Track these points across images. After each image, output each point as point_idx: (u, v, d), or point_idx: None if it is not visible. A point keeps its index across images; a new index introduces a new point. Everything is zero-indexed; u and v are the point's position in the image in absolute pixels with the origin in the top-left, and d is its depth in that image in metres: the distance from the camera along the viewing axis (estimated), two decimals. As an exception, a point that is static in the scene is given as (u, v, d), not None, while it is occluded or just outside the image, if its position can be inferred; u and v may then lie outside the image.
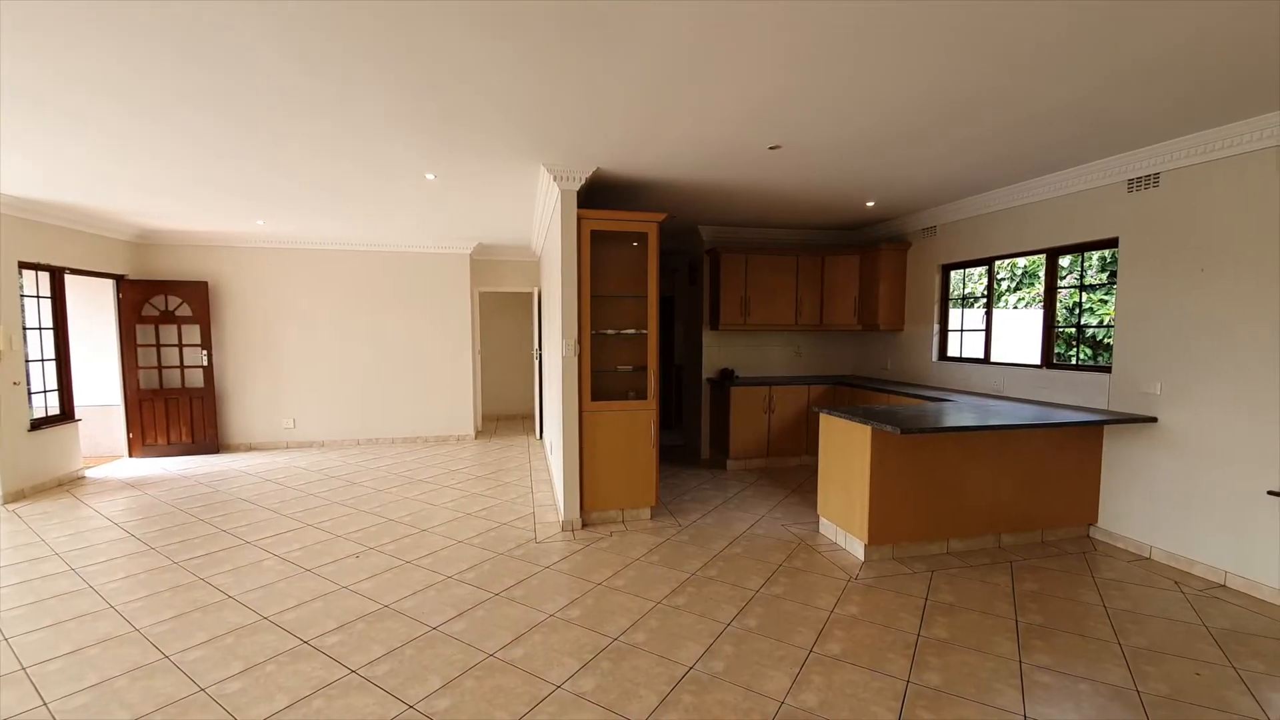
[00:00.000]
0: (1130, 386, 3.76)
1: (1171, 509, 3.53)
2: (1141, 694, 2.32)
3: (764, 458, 6.01)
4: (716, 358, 6.42)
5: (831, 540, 3.95)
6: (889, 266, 5.81)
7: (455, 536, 4.03)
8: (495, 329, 9.27)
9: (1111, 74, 2.54)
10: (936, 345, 5.55)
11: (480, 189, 4.50)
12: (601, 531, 4.12)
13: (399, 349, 7.31)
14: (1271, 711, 2.20)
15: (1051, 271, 4.45)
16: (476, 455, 6.65)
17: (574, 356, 4.06)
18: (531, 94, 2.75)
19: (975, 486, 3.74)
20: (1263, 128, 3.01)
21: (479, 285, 7.84)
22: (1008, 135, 3.33)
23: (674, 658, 2.57)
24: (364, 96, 2.76)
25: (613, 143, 3.42)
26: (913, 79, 2.58)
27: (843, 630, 2.80)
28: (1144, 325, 3.68)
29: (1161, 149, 3.47)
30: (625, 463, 4.25)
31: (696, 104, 2.86)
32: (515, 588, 3.25)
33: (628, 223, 4.12)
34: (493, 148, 3.51)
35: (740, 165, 3.87)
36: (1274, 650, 2.61)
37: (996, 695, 2.32)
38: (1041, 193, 4.31)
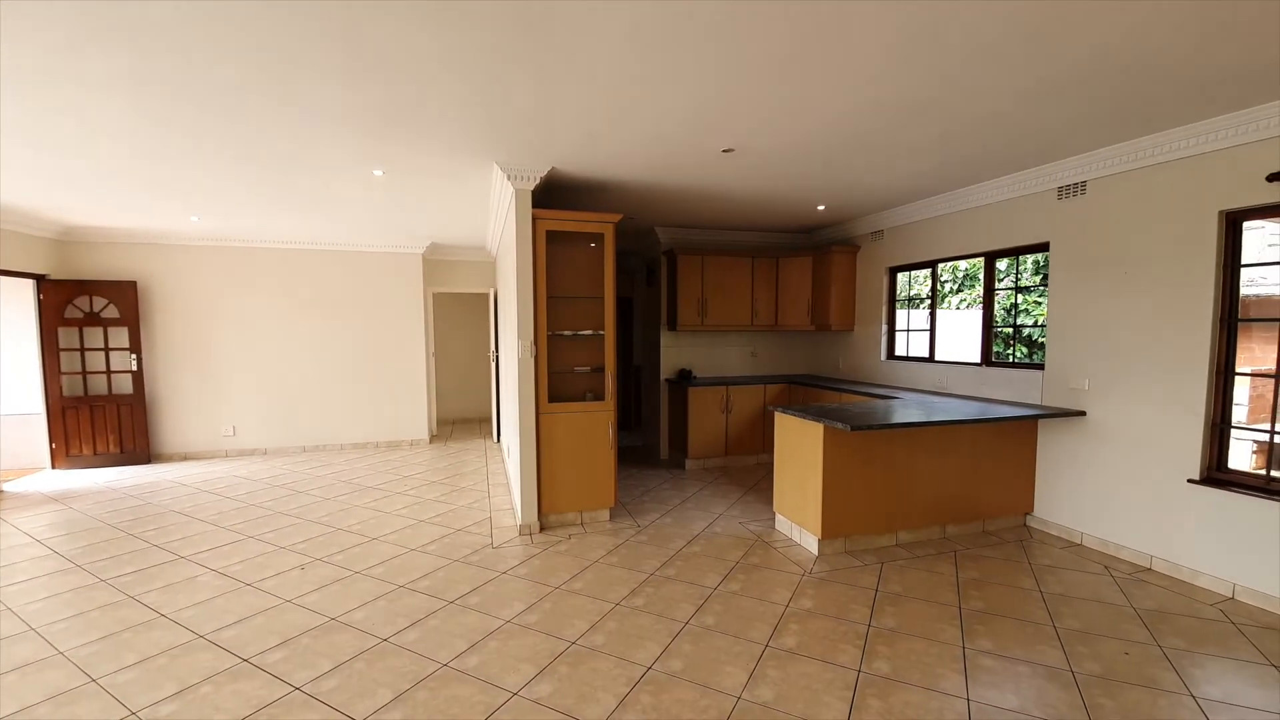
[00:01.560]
0: (1061, 382, 3.98)
1: (1100, 497, 3.75)
2: (1075, 674, 2.45)
3: (722, 457, 6.08)
4: (674, 358, 6.47)
5: (787, 536, 4.02)
6: (840, 269, 5.98)
7: (408, 544, 3.92)
8: (450, 330, 9.07)
9: (1037, 85, 2.67)
10: (885, 345, 5.74)
11: (431, 186, 4.39)
12: (560, 534, 4.08)
13: (348, 351, 7.06)
14: (1194, 686, 2.36)
15: (990, 274, 4.67)
16: (431, 460, 6.48)
17: (530, 358, 4.01)
18: (483, 91, 2.70)
19: (921, 480, 3.89)
20: (1178, 140, 3.24)
21: (433, 286, 7.66)
22: (946, 143, 3.48)
23: (632, 658, 2.57)
24: (304, 88, 2.65)
25: (567, 143, 3.40)
26: (856, 87, 2.66)
27: (797, 624, 2.86)
28: (1073, 324, 3.91)
29: (1088, 158, 3.69)
30: (583, 464, 4.22)
31: (650, 106, 2.88)
32: (471, 595, 3.18)
33: (584, 223, 4.10)
34: (444, 144, 3.43)
35: (695, 168, 3.91)
36: (1195, 629, 2.80)
37: (942, 680, 2.41)
38: (980, 199, 4.52)
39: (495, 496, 5.03)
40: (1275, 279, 2.99)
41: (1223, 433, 3.24)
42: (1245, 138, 2.98)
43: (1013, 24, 2.14)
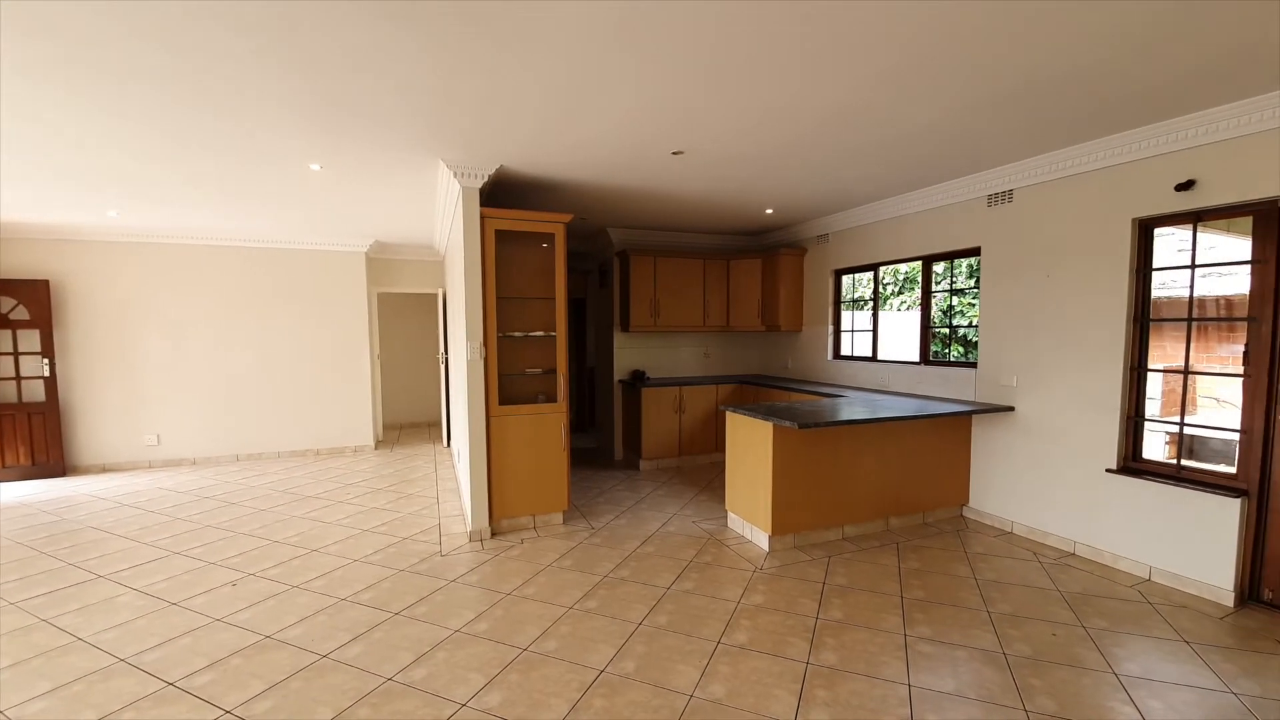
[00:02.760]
0: (992, 379, 4.20)
1: (1028, 488, 3.97)
2: (1008, 656, 2.58)
3: (676, 457, 6.12)
4: (628, 359, 6.47)
5: (739, 534, 4.08)
6: (788, 271, 6.12)
7: (350, 555, 3.76)
8: (397, 332, 8.79)
9: (968, 98, 2.81)
10: (831, 345, 5.91)
11: (374, 183, 4.24)
12: (512, 539, 4.01)
13: (286, 354, 6.73)
14: (1115, 664, 2.52)
15: (927, 277, 4.88)
16: (376, 467, 6.26)
17: (480, 360, 3.92)
18: (429, 87, 2.62)
19: (866, 475, 4.02)
20: (1097, 151, 3.46)
21: (377, 285, 7.40)
22: (884, 151, 3.61)
23: (585, 662, 2.55)
24: (233, 76, 2.51)
25: (516, 141, 3.34)
26: (797, 95, 2.73)
27: (748, 620, 2.90)
28: (1002, 325, 4.13)
29: (1015, 168, 3.90)
30: (536, 467, 4.16)
31: (599, 107, 2.87)
32: (418, 605, 3.08)
33: (534, 223, 4.04)
34: (387, 139, 3.32)
35: (646, 169, 3.92)
36: (1116, 609, 3.00)
37: (884, 668, 2.49)
38: (917, 205, 4.72)
39: (445, 503, 4.89)
40: (1183, 282, 3.24)
41: (1137, 425, 3.49)
42: (1156, 150, 3.22)
43: (944, 40, 2.23)
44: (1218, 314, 3.78)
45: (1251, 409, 2.98)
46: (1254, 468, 2.97)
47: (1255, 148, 2.87)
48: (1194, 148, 3.08)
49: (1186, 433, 3.52)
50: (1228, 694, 2.29)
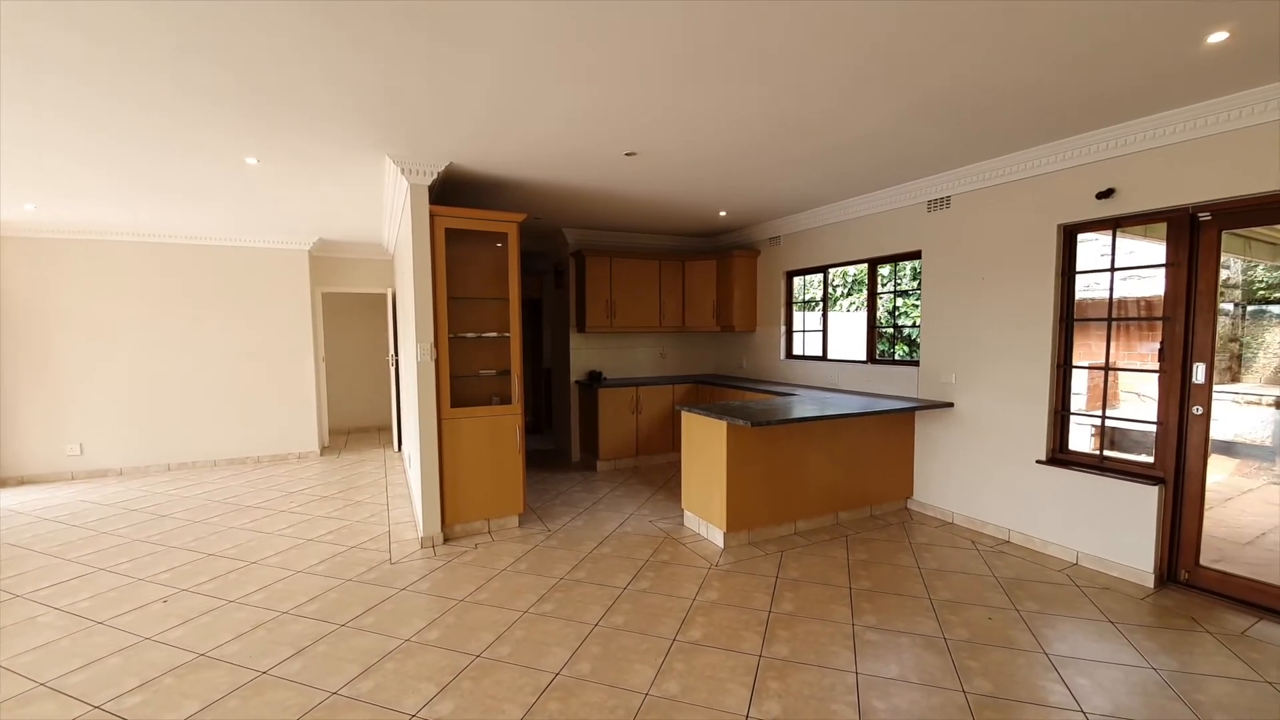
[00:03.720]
0: (933, 377, 4.38)
1: (967, 480, 4.17)
2: (948, 640, 2.70)
3: (633, 457, 6.13)
4: (584, 360, 6.44)
5: (695, 532, 4.12)
6: (742, 272, 6.22)
7: (292, 566, 3.61)
8: (344, 333, 8.48)
9: (907, 107, 2.93)
10: (784, 345, 6.04)
11: (316, 178, 4.08)
12: (466, 544, 3.93)
13: (222, 357, 6.39)
14: (1046, 645, 2.67)
15: (872, 279, 5.05)
16: (322, 474, 6.02)
17: (430, 361, 3.83)
18: (371, 81, 2.55)
19: (816, 470, 4.12)
20: (1027, 160, 3.66)
21: (322, 285, 7.12)
22: (831, 157, 3.72)
23: (540, 666, 2.52)
24: (157, 65, 2.37)
25: (466, 138, 3.28)
26: (746, 100, 2.78)
27: (703, 616, 2.93)
28: (941, 324, 4.31)
29: (952, 175, 4.09)
30: (490, 470, 4.09)
31: (548, 108, 2.85)
32: (365, 615, 2.98)
33: (486, 222, 3.98)
34: (328, 133, 3.20)
35: (600, 169, 3.92)
36: (1046, 592, 3.17)
37: (834, 657, 2.56)
38: (863, 209, 4.88)
39: (395, 509, 4.75)
40: (1105, 284, 3.47)
41: (1064, 419, 3.71)
42: (1080, 160, 3.43)
43: (886, 52, 2.32)
44: (1138, 314, 4.05)
45: (1166, 402, 3.21)
46: (1169, 457, 3.20)
47: (1169, 158, 3.09)
48: (1113, 158, 3.30)
49: (1108, 425, 3.76)
50: (1148, 669, 2.45)
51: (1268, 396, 5.72)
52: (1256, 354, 6.04)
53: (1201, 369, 3.07)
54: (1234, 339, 5.98)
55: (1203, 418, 3.09)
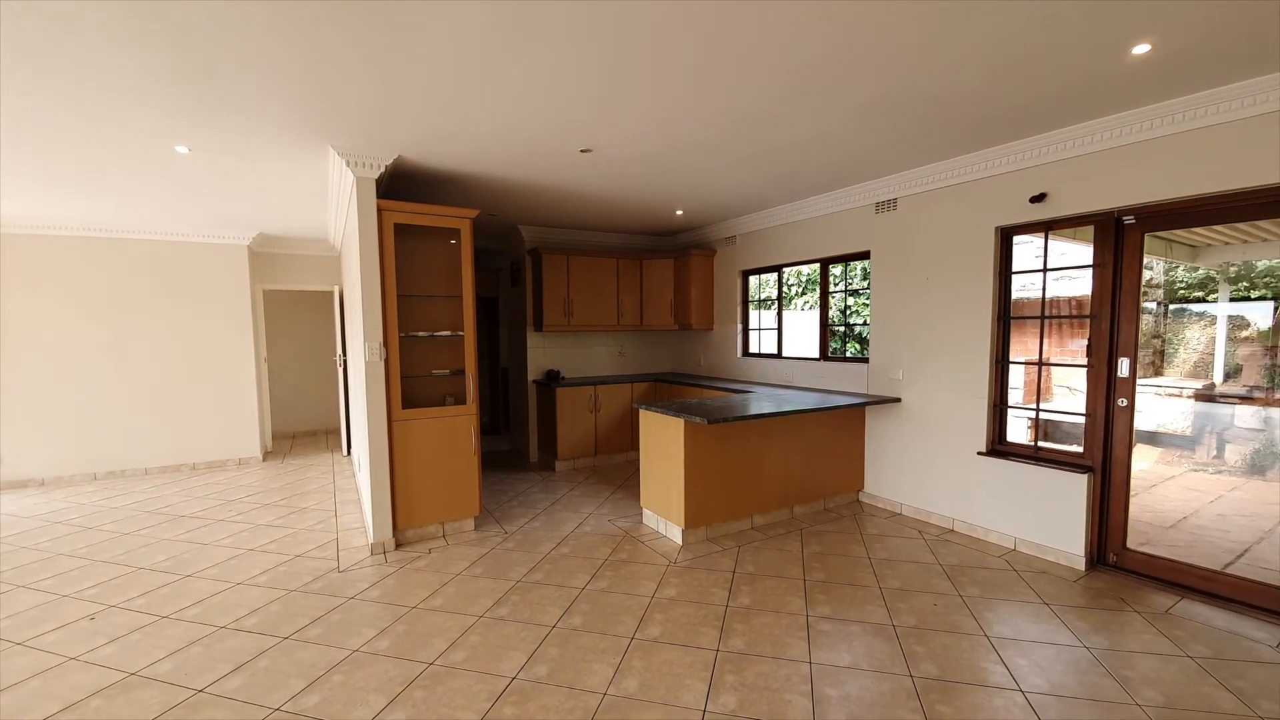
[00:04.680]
0: (882, 373, 4.53)
1: (914, 472, 4.32)
2: (896, 627, 2.79)
3: (592, 456, 6.10)
4: (542, 359, 6.37)
5: (654, 529, 4.13)
6: (699, 271, 6.27)
7: (231, 578, 3.43)
8: (289, 333, 8.13)
9: (854, 110, 3.01)
10: (740, 343, 6.13)
11: (255, 169, 3.88)
12: (419, 550, 3.82)
13: (153, 359, 6.02)
14: (987, 628, 2.79)
15: (824, 278, 5.17)
16: (264, 480, 5.75)
17: (380, 361, 3.70)
18: (312, 68, 2.44)
19: (772, 466, 4.20)
20: (967, 165, 3.82)
21: (263, 282, 6.80)
22: (785, 156, 3.79)
23: (496, 671, 2.47)
24: (71, 47, 2.20)
25: (415, 131, 3.19)
26: (705, 98, 2.80)
27: (662, 613, 2.94)
28: (889, 322, 4.46)
29: (899, 178, 4.22)
30: (444, 473, 3.99)
31: (498, 102, 2.79)
32: (311, 627, 2.86)
33: (438, 217, 3.87)
34: (266, 122, 3.04)
35: (555, 166, 3.87)
36: (987, 578, 3.32)
37: (789, 648, 2.61)
38: (815, 210, 5.00)
39: (344, 515, 4.58)
40: (1039, 284, 3.64)
41: (1002, 412, 3.89)
42: (1015, 165, 3.60)
43: (834, 55, 2.37)
44: (1069, 312, 4.28)
45: (1094, 395, 3.41)
46: (1097, 447, 3.40)
47: (1096, 165, 3.28)
48: (1046, 164, 3.47)
49: (1043, 417, 3.97)
50: (1081, 648, 2.60)
51: (1187, 389, 6.16)
52: (1178, 349, 6.49)
53: (1126, 363, 3.27)
54: (1157, 335, 6.41)
55: (1127, 410, 3.29)
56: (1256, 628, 2.73)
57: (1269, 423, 5.43)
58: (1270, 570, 3.09)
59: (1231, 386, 5.86)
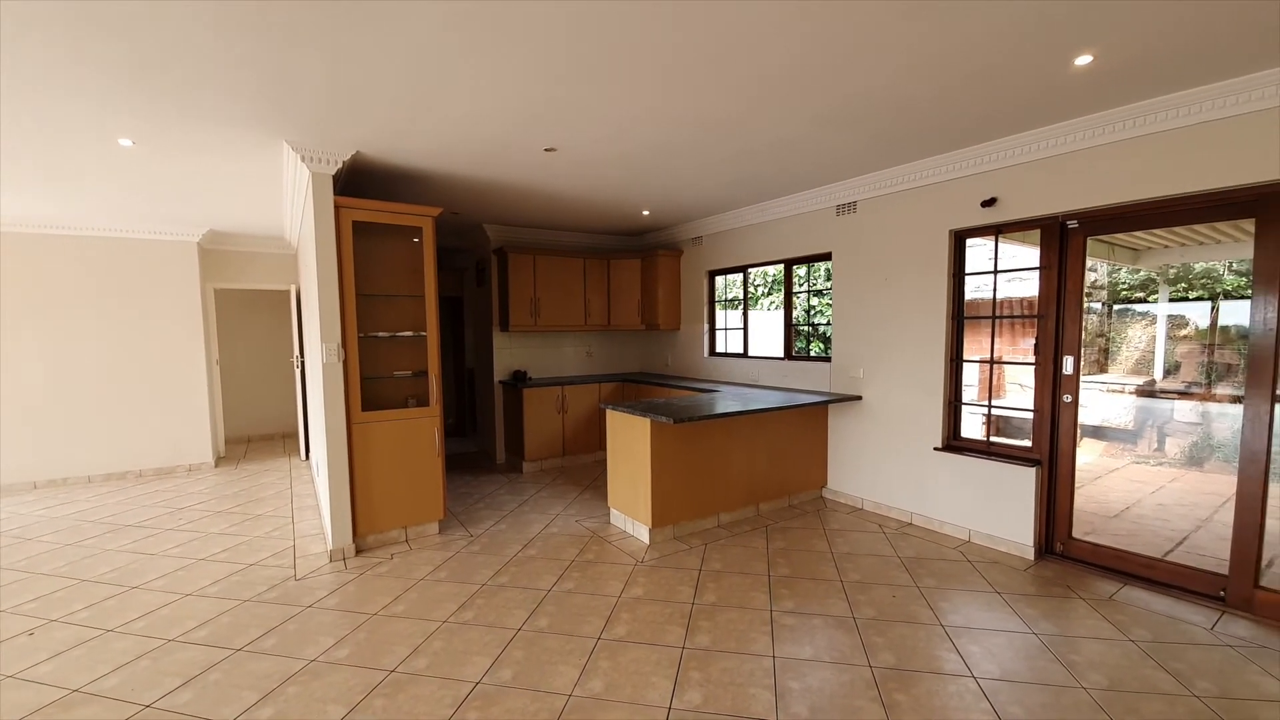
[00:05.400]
0: (844, 372, 4.63)
1: (874, 467, 4.43)
2: (856, 619, 2.86)
3: (560, 457, 6.06)
4: (508, 359, 6.30)
5: (621, 529, 4.13)
6: (666, 271, 6.30)
7: (180, 589, 3.30)
8: (243, 333, 7.84)
9: (816, 115, 3.07)
10: (707, 342, 6.18)
11: (203, 164, 3.74)
12: (381, 555, 3.74)
13: (96, 361, 5.73)
14: (943, 617, 2.88)
15: (788, 279, 5.26)
16: (216, 487, 5.54)
17: (338, 362, 3.61)
18: (264, 59, 2.36)
19: (738, 464, 4.25)
20: (923, 169, 3.93)
21: (214, 281, 6.54)
22: (749, 159, 3.83)
23: (460, 676, 2.44)
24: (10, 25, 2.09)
25: (373, 127, 3.11)
26: (669, 100, 2.81)
27: (629, 613, 2.95)
28: (850, 322, 4.56)
29: (858, 182, 4.32)
30: (406, 476, 3.91)
31: (460, 99, 2.75)
32: (265, 637, 2.77)
33: (398, 215, 3.79)
34: (217, 114, 2.93)
35: (519, 164, 3.84)
36: (943, 569, 3.43)
37: (752, 643, 2.65)
38: (779, 212, 5.08)
39: (302, 521, 4.45)
40: (990, 285, 3.77)
41: (956, 408, 4.02)
42: (968, 170, 3.72)
43: (796, 62, 2.41)
44: (1019, 312, 4.45)
45: (1041, 392, 3.55)
46: (1044, 441, 3.54)
47: (1043, 171, 3.41)
48: (996, 170, 3.60)
49: (995, 413, 4.11)
50: (1030, 635, 2.70)
51: (1130, 385, 6.48)
52: (1120, 348, 6.83)
53: (1070, 361, 3.42)
54: (1102, 334, 6.73)
55: (1071, 405, 3.44)
56: (1193, 612, 2.89)
57: (1206, 417, 5.76)
58: (1206, 557, 3.27)
59: (1171, 382, 6.20)
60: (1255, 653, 2.53)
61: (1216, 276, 6.26)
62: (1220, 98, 2.72)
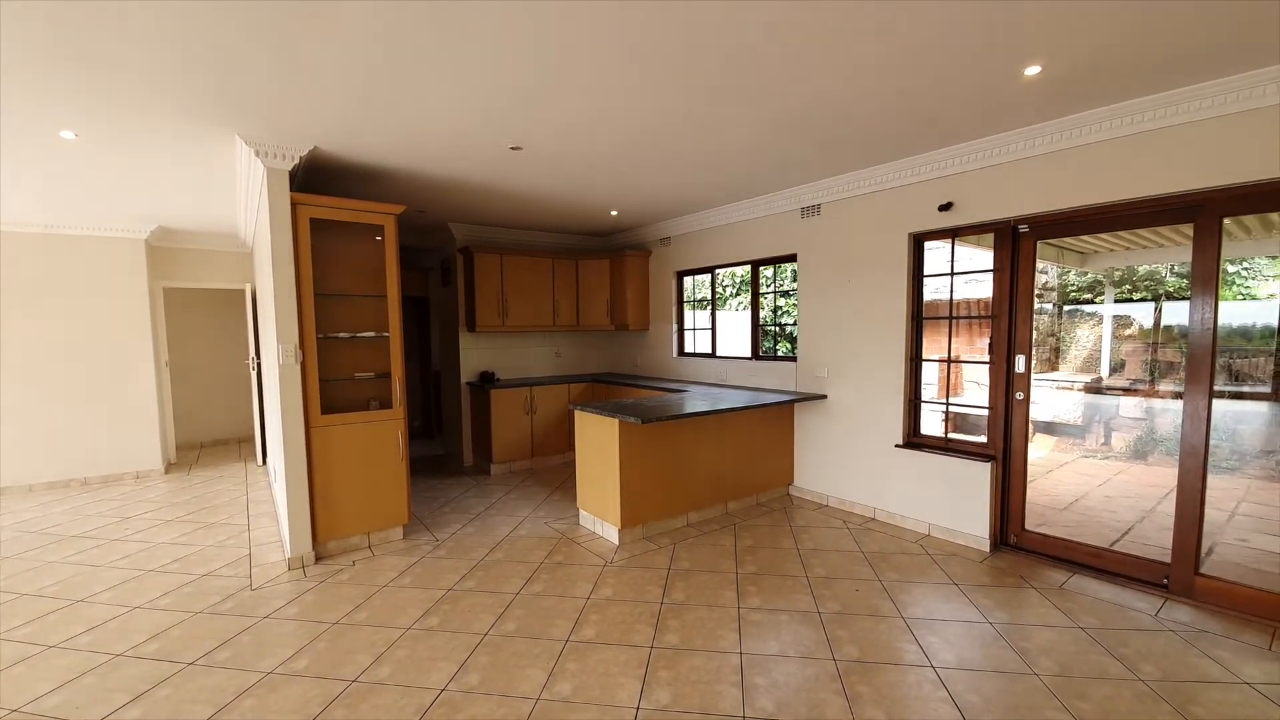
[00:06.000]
0: (809, 371, 4.71)
1: (838, 464, 4.52)
2: (821, 614, 2.91)
3: (529, 459, 6.01)
4: (476, 360, 6.22)
5: (590, 530, 4.12)
6: (634, 271, 6.31)
7: (128, 602, 3.15)
8: (196, 334, 7.54)
9: (777, 119, 3.11)
10: (676, 342, 6.21)
11: (152, 158, 3.58)
12: (342, 562, 3.64)
13: (37, 364, 5.43)
14: (904, 609, 2.96)
15: (755, 280, 5.32)
16: (167, 494, 5.31)
17: (295, 364, 3.50)
18: (214, 52, 2.27)
19: (706, 463, 4.28)
20: (884, 174, 4.03)
21: (164, 279, 6.27)
22: (715, 161, 3.87)
23: (424, 684, 2.39)
24: (-71, 10, 1.96)
25: (331, 121, 3.03)
26: (636, 100, 2.82)
27: (597, 614, 2.94)
28: (815, 322, 4.64)
29: (822, 185, 4.41)
30: (369, 480, 3.82)
31: (422, 94, 2.70)
32: (219, 650, 2.67)
33: (359, 213, 3.70)
34: (165, 106, 2.81)
35: (485, 162, 3.79)
36: (904, 563, 3.52)
37: (720, 640, 2.67)
38: (746, 213, 5.13)
39: (258, 529, 4.30)
40: (948, 287, 3.88)
41: (916, 406, 4.13)
42: (926, 176, 3.83)
43: (755, 66, 2.44)
44: (977, 313, 4.59)
45: (995, 390, 3.68)
46: (998, 437, 3.67)
47: (996, 177, 3.53)
48: (952, 175, 3.72)
49: (953, 411, 4.24)
50: (986, 624, 2.79)
51: (1079, 383, 6.77)
52: (1070, 347, 7.13)
53: (1022, 360, 3.55)
54: (1053, 334, 7.02)
55: (1024, 403, 3.57)
56: (1138, 599, 3.03)
57: (1150, 412, 6.06)
58: (1150, 546, 3.44)
59: (1117, 380, 6.50)
60: (1196, 636, 2.66)
61: (1159, 279, 6.59)
62: (1160, 108, 2.86)
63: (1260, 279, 6.29)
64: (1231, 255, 5.53)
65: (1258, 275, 6.27)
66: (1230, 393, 5.52)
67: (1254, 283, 6.36)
